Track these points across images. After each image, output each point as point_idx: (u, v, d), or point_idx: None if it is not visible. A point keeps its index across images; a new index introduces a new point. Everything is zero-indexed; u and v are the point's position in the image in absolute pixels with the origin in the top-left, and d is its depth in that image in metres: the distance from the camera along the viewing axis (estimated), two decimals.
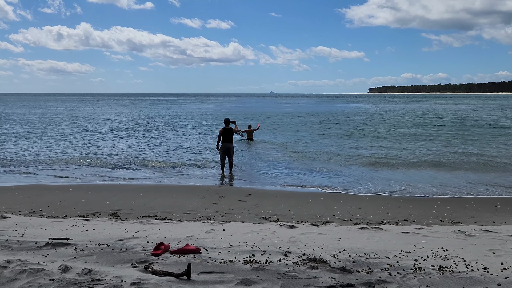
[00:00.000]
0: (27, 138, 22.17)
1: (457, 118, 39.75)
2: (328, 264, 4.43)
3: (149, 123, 33.72)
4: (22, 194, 9.67)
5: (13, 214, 7.44)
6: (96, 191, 10.13)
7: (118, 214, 7.77)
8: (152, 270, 4.01)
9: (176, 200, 9.16)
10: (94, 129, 28.30)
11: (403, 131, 26.88)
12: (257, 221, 7.26)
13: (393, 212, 8.18)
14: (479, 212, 8.28)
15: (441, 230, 6.54)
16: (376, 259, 4.68)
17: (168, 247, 4.89)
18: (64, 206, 8.44)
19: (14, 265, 3.90)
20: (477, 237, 6.04)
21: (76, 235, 5.61)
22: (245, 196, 9.54)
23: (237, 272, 4.07)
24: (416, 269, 4.33)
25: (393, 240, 5.78)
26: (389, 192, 10.22)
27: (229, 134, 12.56)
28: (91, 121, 36.35)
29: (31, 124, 32.18)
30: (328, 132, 26.61)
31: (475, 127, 29.35)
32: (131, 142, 21.01)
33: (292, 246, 5.24)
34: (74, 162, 14.76)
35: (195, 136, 24.19)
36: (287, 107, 74.59)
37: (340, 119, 39.08)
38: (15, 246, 4.86)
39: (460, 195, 9.96)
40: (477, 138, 22.26)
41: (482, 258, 4.87)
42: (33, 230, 5.95)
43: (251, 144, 19.61)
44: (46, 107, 66.62)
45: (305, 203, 8.98)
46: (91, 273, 3.84)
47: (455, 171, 13.09)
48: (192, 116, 44.98)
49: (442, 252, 5.11)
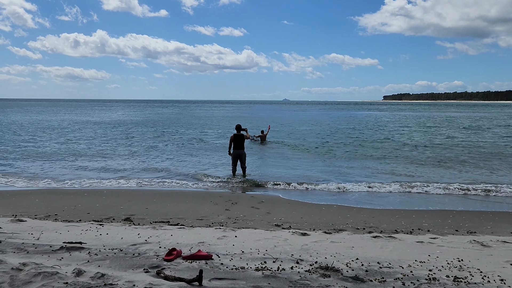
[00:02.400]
0: (46, 141, 22.58)
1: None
2: (341, 272, 4.39)
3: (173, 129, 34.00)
4: (38, 198, 9.82)
5: (29, 218, 7.57)
6: (110, 196, 10.23)
7: (131, 219, 7.83)
8: (164, 275, 4.02)
9: (189, 206, 9.20)
10: (116, 135, 28.65)
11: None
12: (269, 228, 7.24)
13: (407, 221, 8.07)
14: (496, 222, 8.12)
15: (456, 240, 6.42)
16: (389, 268, 4.62)
17: (180, 252, 4.90)
18: (78, 211, 8.55)
19: (29, 268, 3.97)
20: (494, 247, 5.92)
21: (90, 240, 5.67)
22: (258, 203, 9.53)
23: (248, 279, 4.06)
24: (430, 279, 4.26)
25: (407, 249, 5.70)
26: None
27: (240, 140, 12.57)
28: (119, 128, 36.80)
29: (52, 129, 32.75)
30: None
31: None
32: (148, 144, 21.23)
33: (304, 254, 5.21)
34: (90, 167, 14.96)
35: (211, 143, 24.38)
36: (312, 114, 71.83)
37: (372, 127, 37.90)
38: (31, 249, 4.94)
39: (475, 208, 9.77)
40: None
41: (499, 269, 4.76)
42: (48, 234, 6.03)
43: (264, 146, 21.37)
44: (70, 113, 67.66)
45: (318, 210, 8.92)
46: (104, 277, 3.87)
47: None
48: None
49: (458, 262, 5.01)
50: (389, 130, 33.80)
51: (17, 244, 5.13)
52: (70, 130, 32.15)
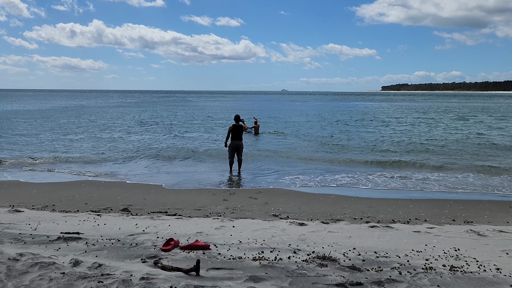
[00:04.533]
0: (45, 134, 22.51)
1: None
2: (338, 262, 4.40)
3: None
4: (36, 189, 9.81)
5: (27, 208, 7.56)
6: (108, 187, 10.23)
7: (129, 209, 7.84)
8: (161, 265, 4.03)
9: (187, 196, 9.20)
10: (119, 126, 28.58)
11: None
12: (267, 218, 7.25)
13: (405, 211, 8.10)
14: (492, 212, 8.14)
15: (453, 229, 6.45)
16: (386, 258, 4.63)
17: (177, 242, 4.91)
18: (76, 201, 8.54)
19: (26, 258, 3.96)
20: (490, 237, 5.95)
21: (88, 230, 5.67)
22: (256, 194, 9.54)
23: (246, 268, 4.07)
24: (427, 268, 4.27)
25: (404, 239, 5.72)
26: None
27: (239, 131, 12.24)
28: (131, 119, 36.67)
29: (53, 121, 32.64)
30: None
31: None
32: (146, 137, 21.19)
33: (302, 244, 5.22)
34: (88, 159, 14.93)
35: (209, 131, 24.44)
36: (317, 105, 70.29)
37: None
38: (28, 239, 4.94)
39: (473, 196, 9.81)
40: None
41: (495, 258, 4.79)
42: (45, 224, 6.03)
43: (258, 139, 21.15)
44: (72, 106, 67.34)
45: (316, 200, 8.94)
46: (101, 267, 3.88)
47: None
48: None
49: (454, 252, 5.04)
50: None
51: (14, 235, 5.12)
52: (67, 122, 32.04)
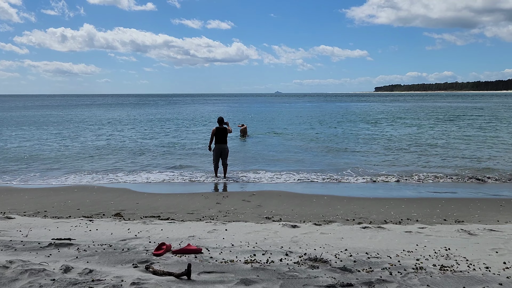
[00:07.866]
0: (39, 139, 22.37)
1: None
2: (329, 263, 4.42)
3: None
4: (28, 195, 9.75)
5: (18, 215, 7.51)
6: (101, 192, 10.18)
7: (121, 214, 7.81)
8: (152, 270, 4.03)
9: (180, 200, 9.19)
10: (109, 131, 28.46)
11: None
12: (260, 221, 7.26)
13: (397, 211, 8.14)
14: (483, 211, 8.22)
15: (444, 229, 6.49)
16: (377, 259, 4.66)
17: (169, 247, 4.91)
18: (68, 207, 8.50)
19: (16, 266, 3.94)
20: (480, 236, 6.00)
21: (79, 236, 5.64)
22: (249, 196, 9.54)
23: (237, 272, 4.07)
24: (417, 268, 4.31)
25: (395, 239, 5.76)
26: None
27: (223, 134, 11.68)
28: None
29: (45, 126, 32.42)
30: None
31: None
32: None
33: (294, 246, 5.24)
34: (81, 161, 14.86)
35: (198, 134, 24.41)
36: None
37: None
38: (19, 246, 4.91)
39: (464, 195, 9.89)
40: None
41: (485, 257, 4.83)
42: (37, 231, 5.99)
43: (248, 141, 21.52)
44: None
45: (309, 202, 8.96)
46: (92, 273, 3.87)
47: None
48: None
49: (445, 251, 5.08)
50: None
51: (4, 242, 5.09)
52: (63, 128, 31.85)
